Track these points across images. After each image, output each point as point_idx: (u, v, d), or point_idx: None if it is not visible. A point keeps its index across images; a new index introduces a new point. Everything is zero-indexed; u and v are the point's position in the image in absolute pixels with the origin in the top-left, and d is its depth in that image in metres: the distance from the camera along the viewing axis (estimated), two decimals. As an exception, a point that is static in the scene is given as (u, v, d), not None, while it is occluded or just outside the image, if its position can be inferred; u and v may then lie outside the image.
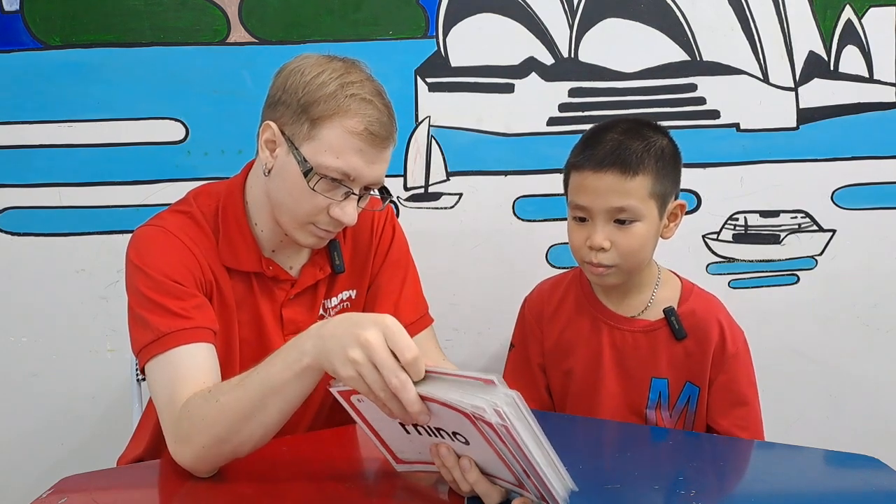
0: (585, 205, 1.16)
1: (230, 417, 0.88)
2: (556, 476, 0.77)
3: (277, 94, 1.03)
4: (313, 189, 1.01)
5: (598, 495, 0.88)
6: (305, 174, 1.01)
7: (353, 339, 0.78)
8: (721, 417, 1.24)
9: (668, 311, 1.22)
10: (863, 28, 1.65)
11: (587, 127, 1.24)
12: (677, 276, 1.30)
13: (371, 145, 1.01)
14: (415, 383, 0.77)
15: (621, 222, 1.15)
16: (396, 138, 1.05)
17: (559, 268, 1.66)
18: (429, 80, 1.59)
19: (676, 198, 1.22)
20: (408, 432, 0.83)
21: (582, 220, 1.18)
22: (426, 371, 0.78)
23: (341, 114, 0.99)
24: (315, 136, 1.00)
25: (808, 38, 1.65)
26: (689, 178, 1.66)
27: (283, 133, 1.02)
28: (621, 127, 1.18)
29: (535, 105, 1.62)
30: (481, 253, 1.66)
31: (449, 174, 1.63)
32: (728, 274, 1.73)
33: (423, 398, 0.77)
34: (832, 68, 1.66)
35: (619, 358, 1.25)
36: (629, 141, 1.15)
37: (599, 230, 1.15)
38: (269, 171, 1.05)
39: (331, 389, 0.84)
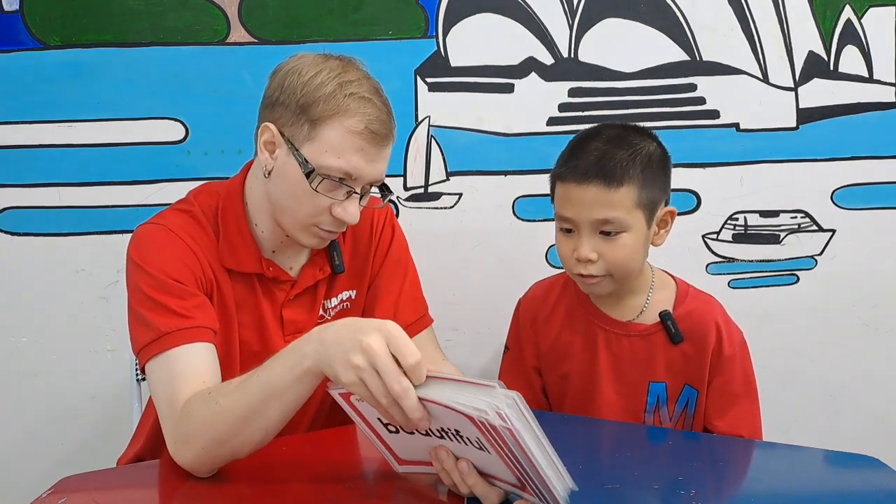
0: (570, 217, 1.14)
1: (230, 420, 0.88)
2: (556, 476, 0.77)
3: (275, 95, 1.02)
4: (315, 190, 1.01)
5: (598, 495, 0.88)
6: (307, 175, 1.00)
7: (355, 345, 0.78)
8: (717, 420, 1.22)
9: (664, 316, 1.20)
10: (862, 28, 1.65)
11: (587, 127, 1.23)
12: (672, 277, 1.27)
13: (372, 143, 1.01)
14: (416, 387, 0.77)
15: (607, 234, 1.13)
16: (395, 135, 1.05)
17: (558, 268, 1.66)
18: (429, 80, 1.59)
19: (666, 204, 1.19)
20: (410, 433, 0.83)
21: (569, 231, 1.16)
22: (427, 375, 0.78)
23: (341, 113, 0.99)
24: (315, 137, 1.00)
25: (807, 38, 1.65)
26: (689, 178, 1.67)
27: (282, 134, 1.02)
28: (606, 134, 1.16)
29: (535, 105, 1.62)
30: (481, 253, 1.66)
31: (449, 174, 1.63)
32: (728, 274, 1.73)
33: (424, 401, 0.76)
34: (832, 68, 1.66)
35: (616, 363, 1.23)
36: (613, 150, 1.12)
37: (585, 242, 1.13)
38: (269, 173, 1.04)
39: (330, 391, 0.83)
